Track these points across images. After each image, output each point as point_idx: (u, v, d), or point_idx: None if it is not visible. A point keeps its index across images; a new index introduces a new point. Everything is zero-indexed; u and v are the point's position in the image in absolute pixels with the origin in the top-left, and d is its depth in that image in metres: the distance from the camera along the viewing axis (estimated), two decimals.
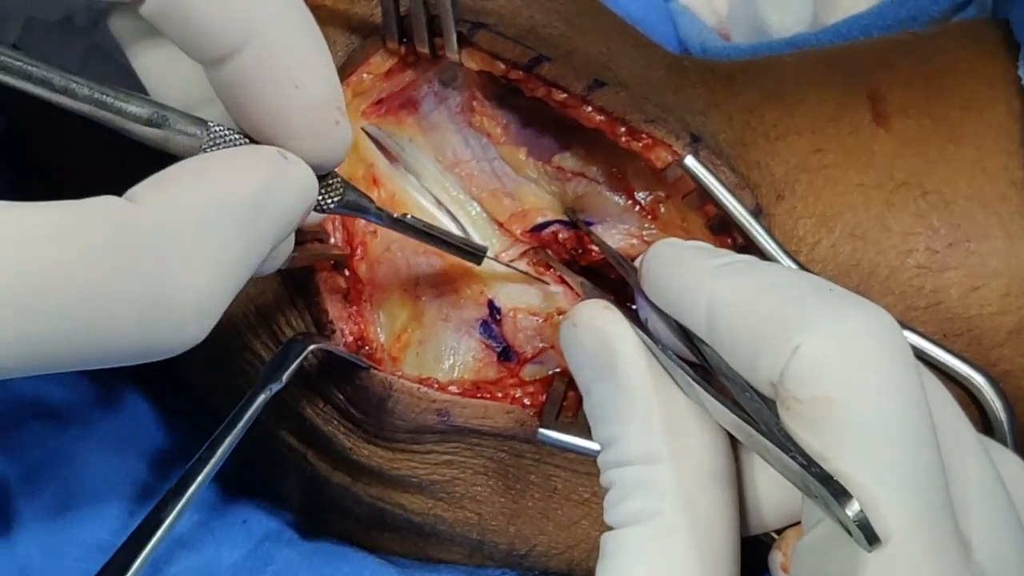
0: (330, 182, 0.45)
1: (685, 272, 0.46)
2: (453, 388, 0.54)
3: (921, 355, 0.52)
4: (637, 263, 0.50)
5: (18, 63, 0.37)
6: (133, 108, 0.39)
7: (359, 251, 0.56)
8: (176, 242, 0.35)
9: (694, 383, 0.43)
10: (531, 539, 0.55)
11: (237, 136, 0.41)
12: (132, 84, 0.47)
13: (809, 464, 0.38)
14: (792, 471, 0.38)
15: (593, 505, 0.55)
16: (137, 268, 0.34)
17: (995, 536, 0.41)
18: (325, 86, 0.42)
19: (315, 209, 0.44)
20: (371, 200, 0.47)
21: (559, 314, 0.57)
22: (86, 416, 0.59)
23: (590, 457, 0.52)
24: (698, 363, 0.45)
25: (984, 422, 0.52)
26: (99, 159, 0.55)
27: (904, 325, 0.52)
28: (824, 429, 0.38)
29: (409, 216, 0.50)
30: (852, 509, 0.36)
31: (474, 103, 0.58)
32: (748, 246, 0.52)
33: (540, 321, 0.57)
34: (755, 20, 0.71)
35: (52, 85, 0.37)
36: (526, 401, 0.54)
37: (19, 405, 0.58)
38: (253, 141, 0.42)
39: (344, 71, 0.55)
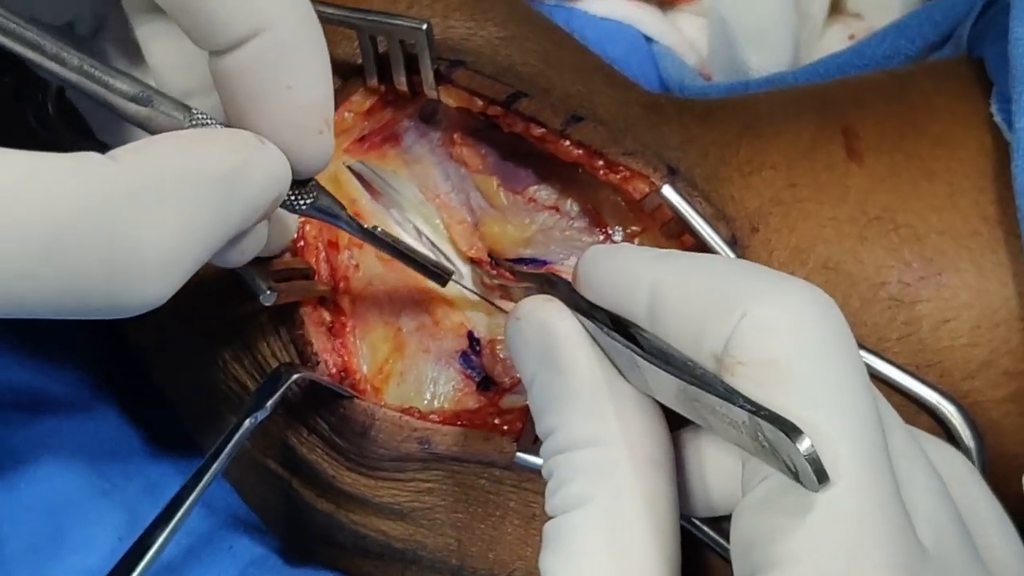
0: (305, 184, 0.46)
1: (625, 264, 0.46)
2: (434, 417, 0.55)
3: (893, 384, 0.53)
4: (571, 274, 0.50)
5: (12, 24, 0.38)
6: (120, 84, 0.41)
7: (342, 285, 0.57)
8: (147, 199, 0.37)
9: (637, 358, 0.43)
10: (510, 564, 0.56)
11: (218, 125, 0.43)
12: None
13: (758, 409, 0.38)
14: (740, 423, 0.39)
15: None
16: (108, 220, 0.36)
17: (936, 516, 0.42)
18: (316, 93, 0.44)
19: (288, 208, 0.46)
20: (343, 207, 0.49)
21: None
22: (78, 445, 0.60)
23: None
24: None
25: None
26: None
27: (876, 353, 0.54)
28: (770, 387, 0.39)
29: (379, 229, 0.52)
30: (803, 445, 0.36)
31: (455, 136, 0.59)
32: None
33: None
34: (735, 61, 0.72)
35: (43, 50, 0.39)
36: (505, 428, 0.55)
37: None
38: None
39: None
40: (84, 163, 0.36)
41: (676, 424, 0.46)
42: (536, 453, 0.52)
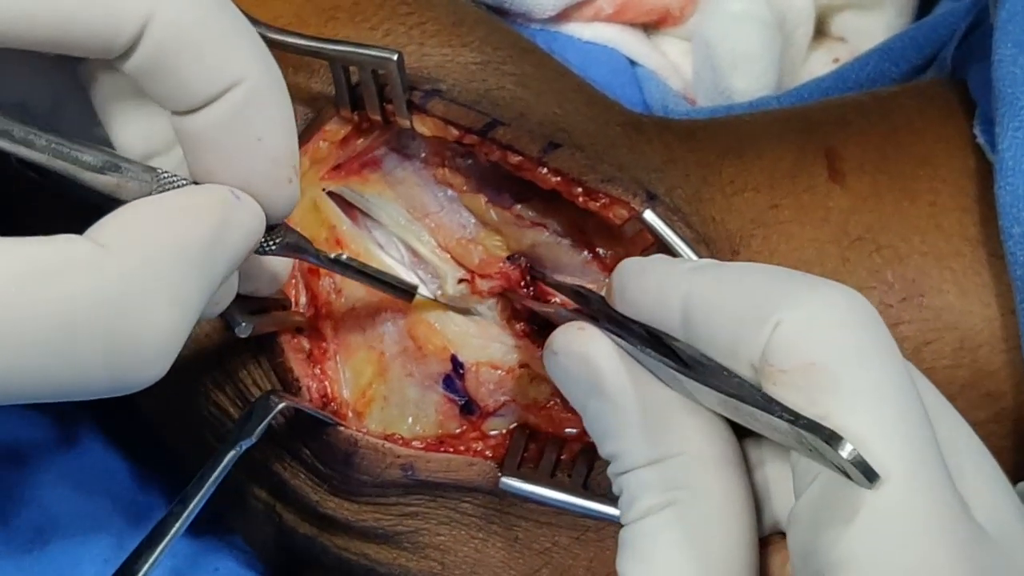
0: (274, 228, 0.47)
1: (657, 276, 0.47)
2: (417, 443, 0.55)
3: None
4: (604, 290, 0.51)
5: None
6: (87, 157, 0.41)
7: (324, 310, 0.57)
8: (140, 285, 0.37)
9: (676, 373, 0.44)
10: None
11: (184, 182, 0.43)
12: None
13: (796, 418, 0.38)
14: (782, 431, 0.39)
15: (553, 555, 0.56)
16: (104, 311, 0.36)
17: (992, 497, 0.42)
18: (285, 143, 0.44)
19: (258, 252, 0.46)
20: (310, 242, 0.50)
21: (521, 367, 0.58)
22: (63, 472, 0.60)
23: (551, 507, 0.53)
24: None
25: None
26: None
27: None
28: (812, 392, 0.39)
29: (345, 256, 0.53)
30: (846, 450, 0.37)
31: (435, 159, 0.59)
32: None
33: (502, 374, 0.58)
34: (719, 85, 0.72)
35: (12, 136, 0.39)
36: (488, 454, 0.55)
37: None
38: None
39: (301, 140, 0.56)
40: (71, 251, 0.37)
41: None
42: (520, 478, 0.53)
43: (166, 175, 0.43)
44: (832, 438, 0.37)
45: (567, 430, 0.56)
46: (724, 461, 0.45)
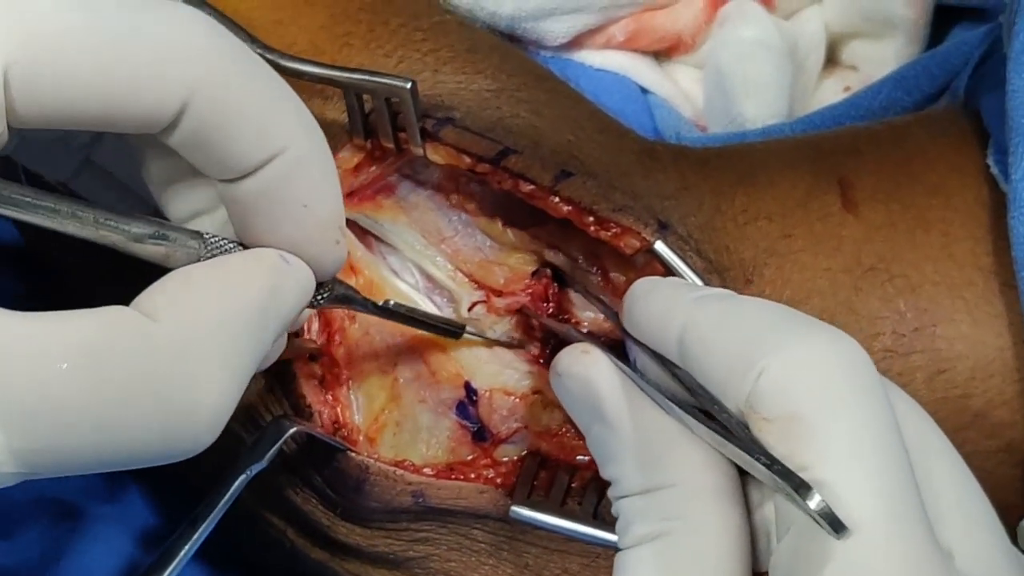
0: (322, 284, 0.47)
1: (662, 303, 0.48)
2: (427, 470, 0.55)
3: None
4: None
5: (27, 198, 0.39)
6: (134, 228, 0.41)
7: (337, 336, 0.57)
8: (191, 354, 0.37)
9: (671, 404, 0.45)
10: None
11: (232, 245, 0.44)
12: (126, 196, 0.50)
13: (772, 463, 0.39)
14: (762, 474, 0.40)
15: None
16: (156, 382, 0.36)
17: (976, 541, 0.42)
18: (331, 207, 0.45)
19: (308, 307, 0.46)
20: (357, 292, 0.50)
21: (534, 393, 0.58)
22: (88, 508, 0.60)
23: (560, 535, 0.53)
24: (682, 393, 0.46)
25: None
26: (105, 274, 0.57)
27: None
28: (793, 443, 0.40)
29: (392, 302, 0.53)
30: (814, 500, 0.37)
31: (448, 185, 0.59)
32: None
33: (516, 400, 0.58)
34: (731, 112, 0.72)
35: (60, 214, 0.39)
36: (499, 481, 0.55)
37: (29, 501, 0.59)
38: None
39: None
40: (119, 325, 0.37)
41: None
42: (530, 507, 0.53)
43: (214, 240, 0.43)
44: (801, 487, 0.38)
45: (578, 457, 0.56)
46: (720, 494, 0.45)
